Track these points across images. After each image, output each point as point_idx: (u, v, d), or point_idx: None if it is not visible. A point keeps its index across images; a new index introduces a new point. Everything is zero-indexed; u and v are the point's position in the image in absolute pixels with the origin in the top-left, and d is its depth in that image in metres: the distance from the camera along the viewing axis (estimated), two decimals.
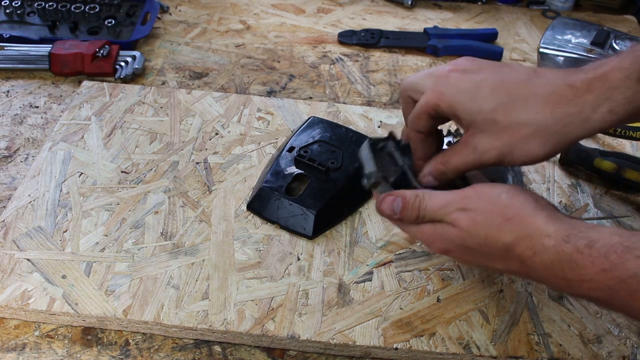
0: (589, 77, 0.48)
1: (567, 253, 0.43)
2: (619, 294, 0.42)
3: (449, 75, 0.51)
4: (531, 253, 0.45)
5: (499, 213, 0.47)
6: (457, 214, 0.48)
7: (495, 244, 0.47)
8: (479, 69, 0.51)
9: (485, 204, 0.47)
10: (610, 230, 0.44)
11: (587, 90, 0.47)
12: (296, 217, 0.65)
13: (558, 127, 0.48)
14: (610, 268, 0.42)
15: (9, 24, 0.96)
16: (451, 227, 0.48)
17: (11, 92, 0.85)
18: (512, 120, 0.48)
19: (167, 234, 0.65)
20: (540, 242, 0.45)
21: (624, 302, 0.42)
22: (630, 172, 0.71)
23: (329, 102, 0.84)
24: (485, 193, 0.48)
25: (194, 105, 0.81)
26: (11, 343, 0.56)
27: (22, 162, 0.74)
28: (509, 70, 0.51)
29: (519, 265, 0.46)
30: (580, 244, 0.43)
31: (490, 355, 0.56)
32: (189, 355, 0.56)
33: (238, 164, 0.73)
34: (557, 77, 0.49)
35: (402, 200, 0.51)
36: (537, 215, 0.46)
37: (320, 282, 0.61)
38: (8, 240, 0.63)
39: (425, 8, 1.07)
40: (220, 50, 0.94)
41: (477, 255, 0.49)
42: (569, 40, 0.88)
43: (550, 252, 0.44)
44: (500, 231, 0.46)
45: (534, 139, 0.48)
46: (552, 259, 0.44)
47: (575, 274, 0.43)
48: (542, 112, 0.48)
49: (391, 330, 0.57)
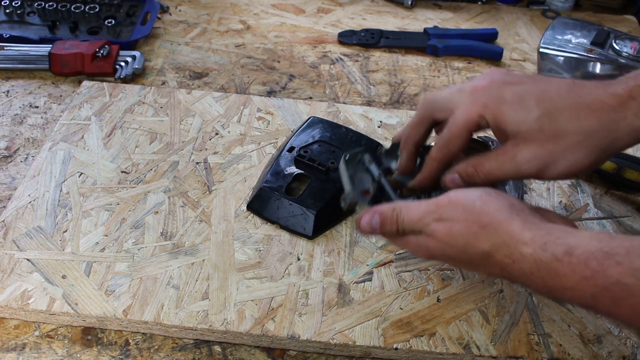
0: (630, 85, 0.48)
1: (546, 262, 0.42)
2: (602, 302, 0.41)
3: (490, 86, 0.51)
4: (510, 261, 0.44)
5: (475, 221, 0.46)
6: (435, 225, 0.48)
7: (474, 252, 0.46)
8: (519, 81, 0.51)
9: (460, 213, 0.47)
10: (588, 235, 0.43)
11: (630, 97, 0.47)
12: (296, 217, 0.65)
13: (604, 134, 0.47)
14: (592, 275, 0.41)
15: (9, 24, 0.96)
16: (430, 239, 0.48)
17: (11, 92, 0.85)
18: (558, 128, 0.48)
19: (167, 234, 0.65)
20: (517, 250, 0.44)
21: (608, 309, 0.41)
22: (630, 172, 0.71)
23: (329, 102, 0.84)
24: (459, 201, 0.47)
25: (194, 105, 0.81)
26: (11, 343, 0.56)
27: (22, 162, 0.74)
28: (548, 82, 0.50)
29: (500, 271, 0.46)
30: (559, 251, 0.42)
31: (490, 355, 0.56)
32: (189, 355, 0.56)
33: (238, 164, 0.73)
34: (597, 86, 0.49)
35: (379, 216, 0.50)
36: (512, 222, 0.45)
37: (320, 282, 0.61)
38: (8, 240, 0.63)
39: (425, 8, 1.07)
40: (220, 50, 0.94)
41: (460, 262, 0.49)
42: (569, 40, 0.88)
43: (529, 261, 0.43)
44: (477, 239, 0.46)
45: (580, 148, 0.48)
46: (530, 268, 0.43)
47: (556, 282, 0.42)
48: (588, 120, 0.48)
49: (391, 330, 0.57)
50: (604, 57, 0.85)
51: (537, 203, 0.70)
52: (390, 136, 0.78)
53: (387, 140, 0.77)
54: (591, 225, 0.68)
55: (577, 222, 0.69)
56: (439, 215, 0.47)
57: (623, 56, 0.84)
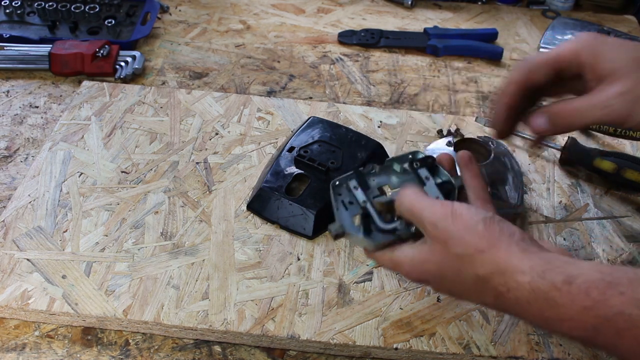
0: None
1: (544, 290, 0.41)
2: (604, 334, 0.39)
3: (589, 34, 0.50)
4: (505, 289, 0.43)
5: (472, 244, 0.44)
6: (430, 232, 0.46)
7: (468, 276, 0.44)
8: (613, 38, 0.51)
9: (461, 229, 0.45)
10: (589, 266, 0.41)
11: None
12: (296, 217, 0.65)
13: None
14: (593, 306, 0.39)
15: (9, 24, 0.96)
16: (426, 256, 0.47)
17: (11, 92, 0.85)
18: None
19: (167, 234, 0.65)
20: (513, 279, 0.42)
21: (610, 341, 0.39)
22: (630, 172, 0.71)
23: (329, 102, 0.84)
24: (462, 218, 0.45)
25: (194, 105, 0.81)
26: (11, 343, 0.56)
27: (22, 162, 0.74)
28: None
29: (494, 299, 0.44)
30: (558, 279, 0.40)
31: (490, 355, 0.56)
32: (189, 355, 0.56)
33: (238, 164, 0.73)
34: None
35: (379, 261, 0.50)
36: (511, 250, 0.43)
37: (320, 282, 0.61)
38: (8, 240, 0.63)
39: (425, 8, 1.07)
40: (220, 50, 0.94)
41: (453, 285, 0.47)
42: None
43: (525, 289, 0.41)
44: (473, 262, 0.44)
45: None
46: (527, 297, 0.42)
47: (553, 313, 0.41)
48: None
49: (391, 330, 0.57)
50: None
51: (537, 203, 0.70)
52: (390, 136, 0.78)
53: (387, 140, 0.77)
54: (591, 225, 0.68)
55: (577, 222, 0.69)
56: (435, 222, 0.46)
57: None
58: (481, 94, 0.88)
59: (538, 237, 0.66)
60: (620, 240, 0.67)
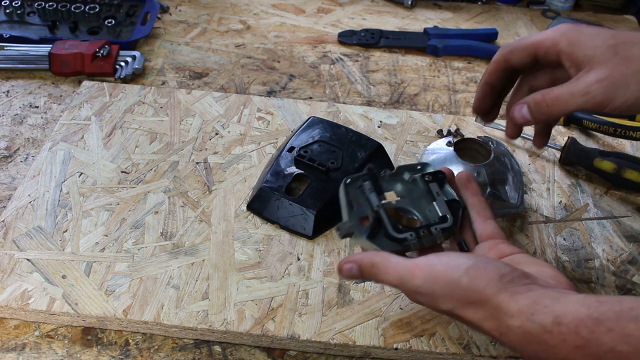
0: None
1: (535, 334, 0.41)
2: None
3: (567, 24, 0.52)
4: (498, 334, 0.43)
5: (460, 298, 0.44)
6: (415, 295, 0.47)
7: (463, 319, 0.46)
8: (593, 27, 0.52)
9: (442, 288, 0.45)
10: (576, 300, 0.41)
11: None
12: (296, 217, 0.65)
13: None
14: (584, 345, 0.39)
15: (9, 24, 0.96)
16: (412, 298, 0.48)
17: (11, 92, 0.85)
18: (632, 53, 0.48)
19: (167, 234, 0.65)
20: (504, 324, 0.42)
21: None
22: (630, 172, 0.71)
23: (329, 102, 0.84)
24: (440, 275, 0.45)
25: (194, 105, 0.81)
26: (11, 343, 0.56)
27: (22, 162, 0.74)
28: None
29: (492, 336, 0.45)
30: (547, 321, 0.41)
31: (490, 355, 0.56)
32: (189, 355, 0.56)
33: (238, 164, 0.73)
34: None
35: (358, 269, 0.49)
36: (500, 294, 0.43)
37: (320, 282, 0.61)
38: (8, 240, 0.63)
39: (425, 8, 1.07)
40: (220, 50, 0.95)
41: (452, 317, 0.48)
42: None
43: (517, 333, 0.42)
44: (465, 312, 0.45)
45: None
46: (520, 340, 0.42)
47: (548, 354, 0.41)
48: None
49: (391, 330, 0.57)
50: None
51: (537, 203, 0.70)
52: (390, 136, 0.78)
53: (387, 140, 0.77)
54: (591, 225, 0.68)
55: (577, 222, 0.69)
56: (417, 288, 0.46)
57: None
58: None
59: (538, 236, 0.67)
60: (620, 240, 0.67)
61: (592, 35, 0.50)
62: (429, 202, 0.55)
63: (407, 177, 0.56)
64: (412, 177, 0.56)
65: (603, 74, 0.48)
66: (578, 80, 0.49)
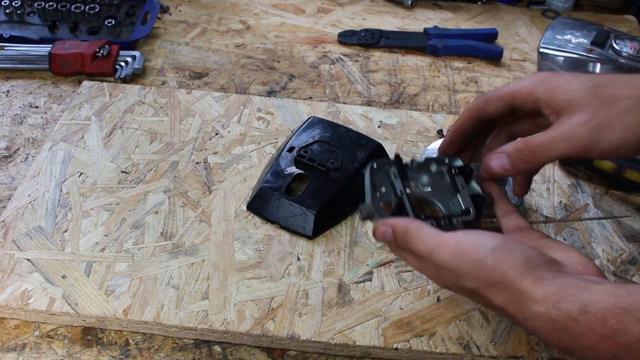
0: None
1: (560, 321, 0.40)
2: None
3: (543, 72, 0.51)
4: (522, 318, 0.43)
5: (485, 278, 0.44)
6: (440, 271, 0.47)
7: (487, 302, 0.45)
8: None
9: (469, 266, 0.44)
10: (604, 290, 0.41)
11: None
12: (296, 217, 0.65)
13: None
14: (612, 334, 0.38)
15: (9, 24, 0.96)
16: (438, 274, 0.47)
17: (11, 92, 0.85)
18: (612, 94, 0.47)
19: (167, 234, 0.65)
20: (529, 309, 0.42)
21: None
22: (630, 172, 0.71)
23: (329, 102, 0.84)
24: (468, 252, 0.45)
25: (194, 105, 0.81)
26: (11, 343, 0.56)
27: (22, 162, 0.74)
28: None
29: (517, 323, 0.45)
30: (573, 309, 0.40)
31: (490, 355, 0.56)
32: (189, 355, 0.56)
33: (238, 164, 0.73)
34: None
35: (392, 233, 0.49)
36: (524, 280, 0.42)
37: (320, 282, 0.61)
38: (8, 240, 0.63)
39: (425, 8, 1.07)
40: (220, 50, 0.95)
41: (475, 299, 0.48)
42: (569, 40, 0.88)
43: (542, 320, 0.41)
44: (489, 294, 0.44)
45: (636, 111, 0.46)
46: (544, 327, 0.41)
47: (573, 342, 0.40)
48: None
49: (391, 330, 0.57)
50: (604, 57, 0.85)
51: (537, 203, 0.70)
52: (390, 136, 0.78)
53: (387, 140, 0.77)
54: (591, 225, 0.68)
55: (577, 222, 0.69)
56: (443, 262, 0.45)
57: (623, 56, 0.84)
58: (481, 94, 0.88)
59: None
60: (620, 240, 0.67)
61: (570, 80, 0.49)
62: (453, 195, 0.55)
63: (434, 170, 0.56)
64: (439, 169, 0.56)
65: (586, 117, 0.47)
66: (561, 126, 0.48)
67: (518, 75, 0.92)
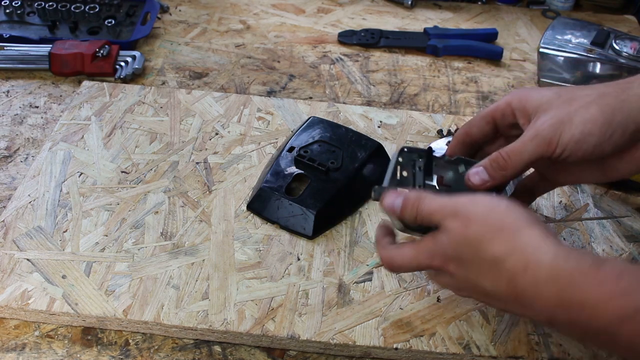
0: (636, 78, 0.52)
1: (567, 272, 0.39)
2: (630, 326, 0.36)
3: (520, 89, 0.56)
4: (521, 268, 0.41)
5: (494, 222, 0.44)
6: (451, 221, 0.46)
7: (485, 256, 0.44)
8: None
9: (481, 210, 0.45)
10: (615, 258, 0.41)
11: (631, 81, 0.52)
12: (296, 217, 0.65)
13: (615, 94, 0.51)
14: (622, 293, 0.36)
15: (9, 24, 0.96)
16: (445, 236, 0.46)
17: (11, 92, 0.85)
18: (574, 95, 0.52)
19: (167, 234, 0.65)
20: (534, 256, 0.41)
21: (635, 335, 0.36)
22: None
23: (329, 102, 0.84)
24: (482, 200, 0.46)
25: (194, 105, 0.81)
26: (11, 343, 0.56)
27: (22, 162, 0.74)
28: None
29: (506, 283, 0.43)
30: (585, 262, 0.39)
31: (490, 355, 0.56)
32: (189, 355, 0.56)
33: (238, 164, 0.73)
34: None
35: (402, 200, 0.49)
36: (533, 232, 0.42)
37: (320, 282, 0.61)
38: (8, 240, 0.63)
39: (425, 8, 1.07)
40: (220, 50, 0.95)
41: (468, 269, 0.46)
42: (569, 40, 0.88)
43: (545, 268, 0.40)
44: (492, 242, 0.43)
45: (593, 105, 0.50)
46: (545, 277, 0.40)
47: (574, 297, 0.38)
48: (603, 87, 0.52)
49: (391, 330, 0.57)
50: (604, 57, 0.85)
51: (537, 203, 0.70)
52: (390, 136, 0.78)
53: (387, 140, 0.77)
54: (591, 225, 0.68)
55: (577, 222, 0.69)
56: (457, 210, 0.46)
57: (623, 56, 0.84)
58: (481, 94, 0.88)
59: None
60: (620, 240, 0.67)
61: (540, 90, 0.54)
62: None
63: (461, 170, 0.56)
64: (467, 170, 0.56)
65: (549, 115, 0.51)
66: (529, 130, 0.52)
67: (518, 75, 0.92)
